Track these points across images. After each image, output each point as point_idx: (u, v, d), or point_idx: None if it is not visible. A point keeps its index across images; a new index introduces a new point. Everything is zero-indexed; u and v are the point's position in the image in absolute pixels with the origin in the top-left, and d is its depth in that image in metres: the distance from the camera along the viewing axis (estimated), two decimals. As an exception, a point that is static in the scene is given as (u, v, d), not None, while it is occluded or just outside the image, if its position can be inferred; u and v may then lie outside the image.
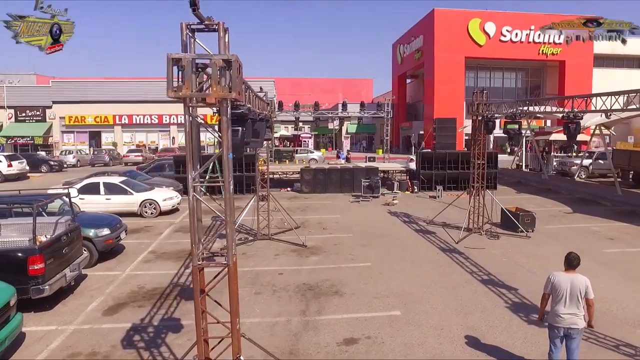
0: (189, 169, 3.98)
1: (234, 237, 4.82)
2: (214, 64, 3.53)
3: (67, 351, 6.78)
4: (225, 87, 3.59)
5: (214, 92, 3.56)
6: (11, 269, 7.66)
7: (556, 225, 14.54)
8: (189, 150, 3.96)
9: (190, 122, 3.77)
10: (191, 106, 3.80)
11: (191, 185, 3.94)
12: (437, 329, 7.40)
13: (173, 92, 3.57)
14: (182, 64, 3.51)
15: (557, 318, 5.69)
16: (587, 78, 41.12)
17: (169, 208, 16.41)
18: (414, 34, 46.82)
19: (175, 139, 41.54)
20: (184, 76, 3.53)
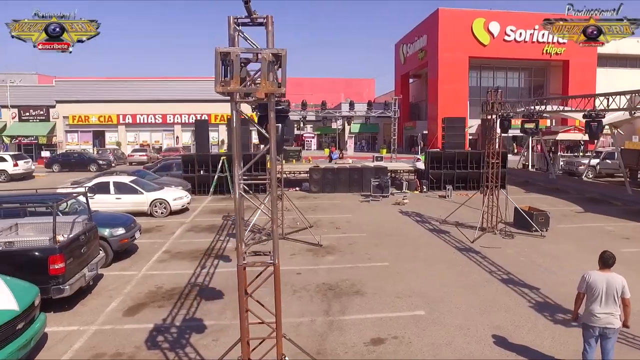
0: (235, 165, 3.89)
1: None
2: (264, 58, 3.46)
3: (91, 352, 6.70)
4: (274, 82, 3.52)
5: (264, 86, 3.48)
6: (31, 268, 7.59)
7: (569, 225, 14.47)
8: (235, 146, 3.88)
9: (236, 117, 3.68)
10: (237, 102, 3.72)
11: (237, 182, 3.86)
12: (464, 328, 7.33)
13: (221, 87, 3.50)
14: (231, 58, 3.43)
15: (593, 317, 5.62)
16: (591, 78, 41.08)
17: (179, 208, 16.33)
18: (418, 33, 46.75)
19: (180, 138, 41.44)
20: (232, 71, 3.46)
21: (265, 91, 3.52)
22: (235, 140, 3.79)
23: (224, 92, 3.56)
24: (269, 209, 4.42)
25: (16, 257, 7.66)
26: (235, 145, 3.86)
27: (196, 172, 20.23)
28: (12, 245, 7.78)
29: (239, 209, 4.18)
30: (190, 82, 42.64)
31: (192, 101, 40.61)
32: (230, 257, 11.28)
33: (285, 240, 12.83)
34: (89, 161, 32.12)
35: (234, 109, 3.66)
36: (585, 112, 10.32)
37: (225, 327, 7.45)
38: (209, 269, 10.41)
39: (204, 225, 14.79)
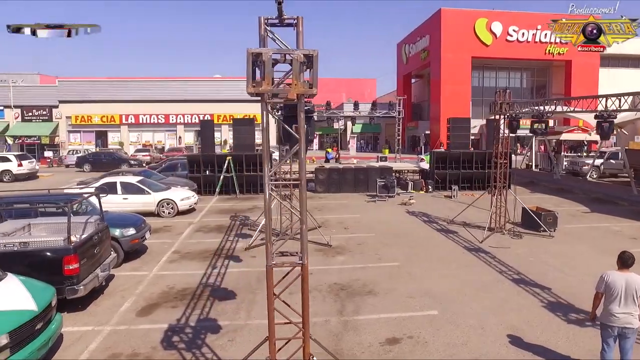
0: (265, 165, 3.91)
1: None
2: (296, 59, 3.47)
3: (107, 352, 6.72)
4: (306, 83, 3.54)
5: (296, 87, 3.49)
6: (46, 269, 7.59)
7: (576, 225, 14.49)
8: (265, 146, 3.89)
9: (267, 117, 3.69)
10: (267, 102, 3.74)
11: (267, 182, 3.87)
12: (478, 328, 7.35)
13: (253, 88, 3.51)
14: (263, 59, 3.45)
15: (612, 317, 5.63)
16: (593, 78, 41.10)
17: (187, 208, 16.34)
18: (420, 34, 46.76)
19: (182, 138, 41.44)
20: (264, 71, 3.47)
21: (297, 92, 3.54)
22: (265, 140, 3.80)
23: (255, 93, 3.56)
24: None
25: (31, 257, 7.66)
26: (265, 145, 3.86)
27: (202, 172, 20.24)
28: (27, 246, 7.78)
29: (268, 209, 4.18)
30: (193, 82, 42.68)
31: (195, 101, 40.65)
32: (240, 257, 11.30)
33: (295, 240, 12.80)
34: (119, 161, 31.72)
35: (265, 110, 3.67)
36: (597, 113, 10.33)
37: (240, 327, 7.47)
38: (219, 269, 10.43)
39: (212, 225, 14.80)
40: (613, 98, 13.81)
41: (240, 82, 42.28)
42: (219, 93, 41.25)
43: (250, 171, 20.42)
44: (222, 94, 41.07)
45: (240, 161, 20.25)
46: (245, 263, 10.91)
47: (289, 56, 3.74)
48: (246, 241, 12.69)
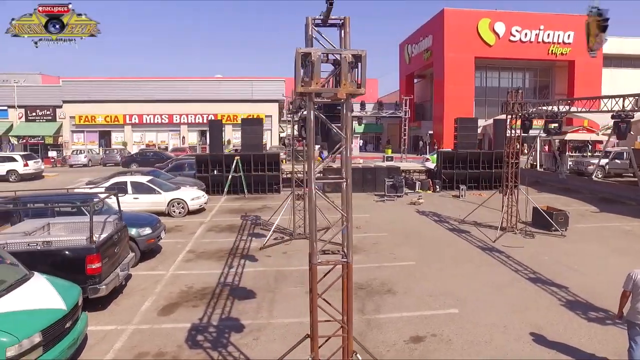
0: (310, 164, 3.95)
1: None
2: (344, 59, 3.51)
3: (133, 351, 6.75)
4: (354, 83, 3.58)
5: (345, 87, 3.53)
6: (68, 268, 7.60)
7: (587, 225, 14.54)
8: (310, 145, 3.92)
9: (313, 117, 3.73)
10: (314, 102, 3.77)
11: (312, 181, 3.91)
12: (500, 326, 7.39)
13: (302, 87, 3.54)
14: (312, 59, 3.48)
15: (639, 315, 5.69)
16: (596, 78, 41.16)
17: (197, 207, 16.37)
18: (423, 34, 46.81)
19: (186, 138, 41.46)
20: (313, 71, 3.51)
21: (346, 92, 3.57)
22: (310, 138, 3.84)
23: (304, 93, 3.60)
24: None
25: (54, 256, 7.68)
26: (310, 144, 3.90)
27: (210, 172, 20.26)
28: (50, 245, 7.80)
29: (313, 208, 4.22)
30: (197, 82, 42.73)
31: (199, 101, 40.66)
32: (255, 257, 11.33)
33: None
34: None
35: (311, 109, 3.71)
36: (614, 113, 10.39)
37: (263, 326, 7.50)
38: (236, 269, 10.46)
39: (224, 225, 14.83)
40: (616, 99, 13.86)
41: (244, 82, 42.48)
42: (222, 93, 41.29)
43: (258, 171, 20.45)
44: (225, 94, 41.12)
45: (248, 161, 20.27)
46: (261, 262, 10.94)
47: (332, 56, 3.78)
48: (260, 241, 12.72)
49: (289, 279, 9.77)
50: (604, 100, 13.20)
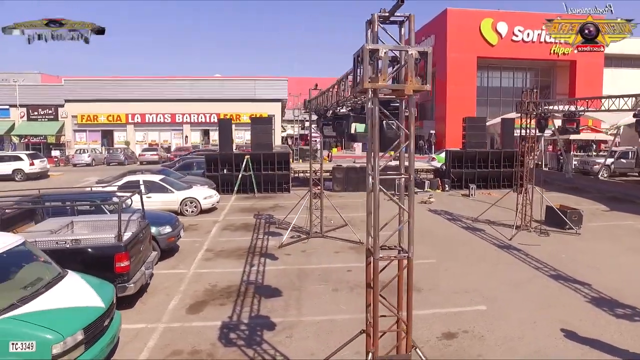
0: (376, 160, 3.98)
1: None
2: (411, 55, 3.54)
3: (167, 349, 6.75)
4: (419, 79, 3.61)
5: (411, 84, 3.56)
6: (97, 266, 7.57)
7: (600, 223, 14.63)
8: (375, 141, 3.95)
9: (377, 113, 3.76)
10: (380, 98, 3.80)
11: (377, 176, 3.95)
12: (529, 322, 7.44)
13: (369, 83, 3.57)
14: (379, 55, 3.51)
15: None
16: (597, 78, 41.36)
17: (209, 206, 16.37)
18: (425, 33, 46.89)
19: (188, 137, 41.40)
20: (380, 67, 3.54)
21: (413, 88, 3.61)
22: (372, 135, 3.86)
23: (371, 89, 3.62)
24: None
25: (83, 254, 7.67)
26: (375, 141, 3.92)
27: (219, 171, 20.25)
28: (78, 243, 7.79)
29: (376, 204, 4.26)
30: (199, 81, 42.64)
31: (201, 100, 40.61)
32: (275, 255, 11.34)
33: (325, 238, 12.91)
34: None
35: (376, 105, 3.74)
36: (636, 112, 10.49)
37: (294, 323, 7.51)
38: (257, 267, 10.47)
39: (238, 224, 14.84)
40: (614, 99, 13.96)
41: (247, 82, 42.45)
42: (225, 93, 41.25)
43: (267, 170, 20.45)
44: (227, 94, 41.08)
45: (258, 160, 20.27)
46: (281, 261, 10.95)
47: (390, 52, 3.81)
48: (276, 239, 12.74)
49: (311, 277, 9.79)
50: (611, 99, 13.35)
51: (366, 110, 3.93)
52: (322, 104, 9.96)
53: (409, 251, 4.37)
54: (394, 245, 4.74)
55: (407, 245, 4.42)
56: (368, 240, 4.86)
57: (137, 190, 9.76)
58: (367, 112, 3.97)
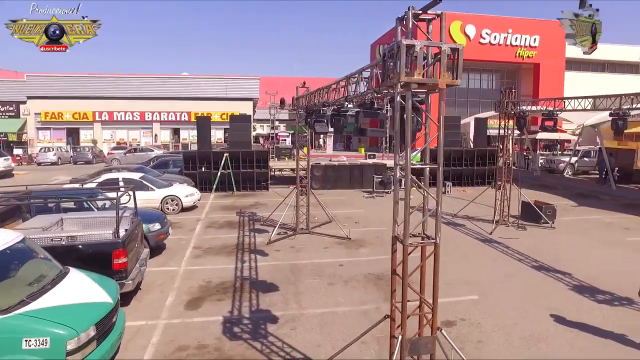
0: (408, 152, 4.15)
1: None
2: (444, 52, 3.73)
3: (172, 345, 6.73)
4: (450, 74, 3.80)
5: (444, 78, 3.75)
6: (95, 263, 7.41)
7: (571, 218, 15.38)
8: (408, 134, 4.11)
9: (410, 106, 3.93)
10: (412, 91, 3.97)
11: (408, 166, 4.15)
12: (521, 310, 7.83)
13: (405, 77, 3.73)
14: (415, 50, 3.68)
15: (661, 294, 6.22)
16: (559, 80, 43.14)
17: (191, 204, 16.19)
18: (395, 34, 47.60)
19: (158, 136, 40.52)
20: (417, 62, 3.71)
21: (446, 82, 3.80)
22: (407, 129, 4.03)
23: (407, 82, 3.79)
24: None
25: (79, 251, 7.52)
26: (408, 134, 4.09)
27: (197, 169, 20.02)
28: (74, 240, 7.63)
29: (407, 193, 4.45)
30: (169, 79, 41.84)
31: (172, 99, 39.88)
32: (265, 251, 11.38)
33: (311, 234, 13.04)
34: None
35: (409, 98, 3.91)
36: (611, 111, 11.13)
37: (296, 317, 7.61)
38: (249, 264, 10.49)
39: (222, 221, 14.76)
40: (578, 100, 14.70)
41: (218, 80, 41.96)
42: (196, 91, 40.66)
43: (246, 168, 20.37)
44: (199, 92, 40.51)
45: (237, 158, 20.17)
46: (272, 257, 11.00)
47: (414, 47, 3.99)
48: (263, 236, 12.77)
49: (305, 272, 9.90)
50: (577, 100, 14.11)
51: (395, 103, 4.08)
52: (314, 101, 10.09)
53: (436, 238, 4.55)
54: (417, 233, 4.91)
55: (435, 232, 4.61)
56: (394, 228, 5.03)
57: (131, 186, 9.59)
58: (395, 106, 4.13)
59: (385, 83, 4.22)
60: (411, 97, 3.91)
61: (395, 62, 3.86)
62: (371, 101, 5.86)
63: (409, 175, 4.35)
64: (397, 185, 4.69)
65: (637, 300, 7.99)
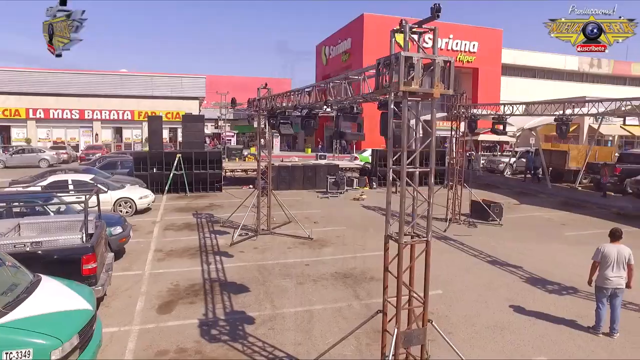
0: (404, 155, 4.41)
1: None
2: (438, 63, 4.02)
3: (150, 350, 6.63)
4: (443, 85, 4.10)
5: (437, 88, 4.05)
6: (62, 270, 7.11)
7: (515, 215, 16.48)
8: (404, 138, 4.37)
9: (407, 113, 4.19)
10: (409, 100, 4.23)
11: (404, 169, 4.40)
12: (482, 302, 8.40)
13: (405, 86, 3.99)
14: (413, 62, 3.95)
15: (606, 281, 6.95)
16: (496, 85, 45.78)
17: (145, 206, 15.72)
18: (342, 36, 48.44)
19: (99, 135, 38.64)
20: (415, 73, 3.98)
21: (440, 92, 4.09)
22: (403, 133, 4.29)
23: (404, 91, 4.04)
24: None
25: (45, 257, 7.21)
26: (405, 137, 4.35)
27: (149, 171, 19.42)
28: (39, 245, 7.29)
29: (403, 194, 4.71)
30: (110, 76, 39.99)
31: (113, 96, 38.21)
32: (229, 253, 11.35)
33: (273, 235, 13.12)
34: None
35: (405, 106, 4.17)
36: (556, 117, 12.09)
37: (272, 316, 7.72)
38: (215, 265, 10.44)
39: (179, 223, 14.48)
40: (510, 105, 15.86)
41: (162, 79, 40.68)
42: (138, 88, 39.21)
43: (199, 169, 20.03)
44: (141, 90, 39.10)
45: (189, 159, 19.78)
46: (237, 258, 11.00)
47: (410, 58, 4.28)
48: (224, 238, 12.72)
49: (273, 272, 10.00)
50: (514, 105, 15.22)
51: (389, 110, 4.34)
52: (282, 103, 10.22)
53: (427, 236, 4.86)
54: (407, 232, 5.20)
55: (427, 231, 4.91)
56: (387, 228, 5.29)
57: (97, 189, 9.24)
58: (389, 112, 4.39)
59: (380, 91, 4.47)
60: (407, 105, 4.19)
61: (391, 72, 4.12)
62: (350, 105, 6.10)
63: (404, 176, 4.61)
64: (390, 186, 4.92)
65: (580, 289, 8.83)
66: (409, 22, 4.69)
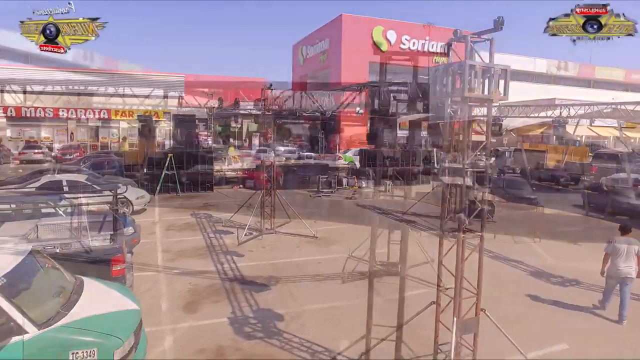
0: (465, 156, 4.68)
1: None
2: (496, 72, 4.32)
3: (190, 348, 6.72)
4: (500, 91, 4.41)
5: (495, 94, 4.35)
6: (92, 271, 7.12)
7: (506, 212, 17.13)
8: (465, 140, 4.64)
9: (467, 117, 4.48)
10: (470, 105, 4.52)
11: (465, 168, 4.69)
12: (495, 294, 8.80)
13: (469, 92, 4.27)
14: (476, 70, 4.23)
15: (617, 271, 7.50)
16: (470, 86, 47.07)
17: (141, 207, 15.54)
18: (319, 36, 48.70)
19: (74, 135, 37.49)
20: (477, 80, 4.26)
21: (498, 99, 4.40)
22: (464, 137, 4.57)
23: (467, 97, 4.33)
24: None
25: (75, 259, 7.15)
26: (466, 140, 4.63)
27: (140, 171, 19.13)
28: (69, 247, 7.22)
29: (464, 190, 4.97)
30: (87, 73, 38.89)
31: (88, 95, 37.11)
32: (239, 252, 11.42)
33: (277, 234, 13.24)
34: None
35: (465, 110, 4.47)
36: (552, 119, 12.71)
37: (300, 313, 7.89)
38: (229, 265, 10.50)
39: (180, 224, 14.39)
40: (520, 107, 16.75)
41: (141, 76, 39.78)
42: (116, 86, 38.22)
43: (191, 169, 19.87)
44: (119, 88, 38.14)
45: (181, 159, 19.60)
46: (248, 257, 11.08)
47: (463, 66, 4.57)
48: (230, 237, 12.75)
49: (287, 270, 10.14)
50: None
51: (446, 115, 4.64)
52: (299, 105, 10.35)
53: (482, 230, 5.17)
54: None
55: (481, 227, 5.23)
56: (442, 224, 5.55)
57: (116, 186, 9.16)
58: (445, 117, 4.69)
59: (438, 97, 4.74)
60: (469, 109, 4.49)
61: (453, 79, 4.40)
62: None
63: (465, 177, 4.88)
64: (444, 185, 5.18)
65: (583, 281, 9.42)
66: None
